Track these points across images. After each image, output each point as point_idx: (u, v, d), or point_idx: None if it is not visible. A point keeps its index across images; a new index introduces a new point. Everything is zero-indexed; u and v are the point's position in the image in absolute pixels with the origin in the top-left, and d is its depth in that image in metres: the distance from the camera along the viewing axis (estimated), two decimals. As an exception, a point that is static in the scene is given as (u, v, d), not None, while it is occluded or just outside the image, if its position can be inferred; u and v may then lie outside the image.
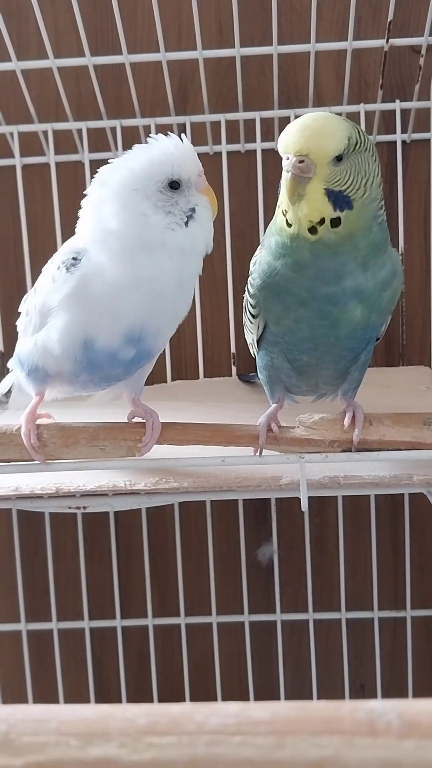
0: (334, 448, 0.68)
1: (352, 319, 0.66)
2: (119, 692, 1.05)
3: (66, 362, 0.67)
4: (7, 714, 0.36)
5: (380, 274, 0.66)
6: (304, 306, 0.66)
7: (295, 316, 0.67)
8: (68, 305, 0.65)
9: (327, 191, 0.61)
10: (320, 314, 0.66)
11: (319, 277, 0.64)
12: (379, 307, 0.67)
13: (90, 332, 0.65)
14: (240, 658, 1.05)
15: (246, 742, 0.34)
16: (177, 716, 0.36)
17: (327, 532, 1.04)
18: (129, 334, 0.65)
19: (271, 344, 0.70)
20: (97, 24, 0.97)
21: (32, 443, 0.67)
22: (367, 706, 0.35)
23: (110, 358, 0.66)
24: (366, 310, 0.66)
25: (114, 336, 0.65)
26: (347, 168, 0.61)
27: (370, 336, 0.69)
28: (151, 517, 1.04)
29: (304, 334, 0.67)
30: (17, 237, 1.00)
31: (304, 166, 0.60)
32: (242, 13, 0.90)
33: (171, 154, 0.64)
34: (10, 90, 0.97)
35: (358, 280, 0.64)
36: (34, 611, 1.06)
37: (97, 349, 0.66)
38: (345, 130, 0.61)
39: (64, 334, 0.65)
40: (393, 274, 0.67)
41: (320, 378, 0.72)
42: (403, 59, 0.97)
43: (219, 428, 0.70)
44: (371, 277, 0.65)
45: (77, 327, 0.65)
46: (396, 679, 1.06)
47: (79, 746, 0.35)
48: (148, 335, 0.66)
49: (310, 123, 0.61)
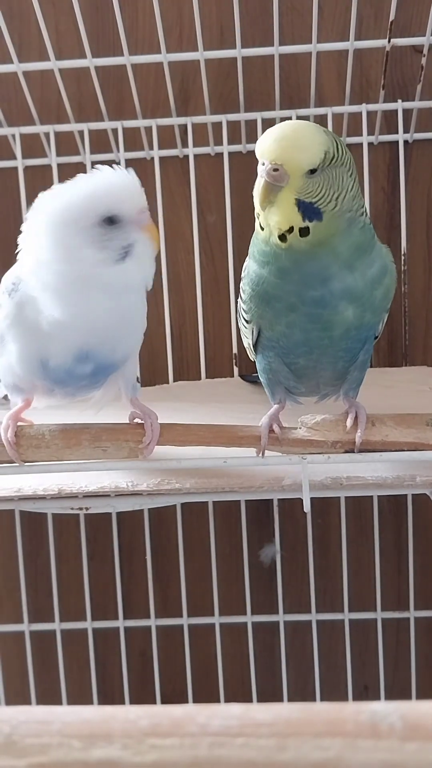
0: (337, 449, 0.68)
1: (344, 320, 0.66)
2: (122, 693, 1.05)
3: (33, 379, 0.68)
4: (10, 715, 0.36)
5: (370, 273, 0.65)
6: (294, 311, 0.66)
7: (286, 321, 0.67)
8: (13, 331, 0.66)
9: (297, 201, 0.61)
10: (311, 318, 0.66)
11: (303, 282, 0.64)
12: (373, 305, 0.67)
13: (42, 354, 0.66)
14: (243, 658, 1.05)
15: (248, 743, 0.34)
16: (179, 718, 0.35)
17: (330, 533, 1.04)
18: (78, 355, 0.65)
19: (267, 348, 0.70)
20: (99, 25, 0.97)
21: (9, 438, 0.67)
22: (369, 708, 0.35)
23: (69, 374, 0.67)
24: (359, 310, 0.66)
25: (65, 357, 0.65)
26: (320, 181, 0.61)
27: (367, 335, 0.69)
28: (154, 518, 1.04)
29: (298, 338, 0.67)
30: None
31: (278, 175, 0.61)
32: (243, 13, 0.90)
33: (110, 189, 0.62)
34: (12, 92, 0.97)
35: (346, 281, 0.64)
36: (37, 612, 1.06)
37: (53, 368, 0.66)
38: (322, 144, 0.61)
39: (19, 356, 0.67)
40: (383, 271, 0.67)
41: (320, 379, 0.72)
42: (405, 59, 0.97)
43: (221, 429, 0.70)
44: (360, 277, 0.65)
45: (28, 350, 0.66)
46: (399, 680, 1.06)
47: (81, 748, 0.35)
48: (100, 354, 0.66)
49: (288, 133, 0.61)
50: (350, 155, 0.64)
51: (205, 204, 1.00)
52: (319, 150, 0.61)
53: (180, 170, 0.99)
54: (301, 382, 0.72)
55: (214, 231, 1.00)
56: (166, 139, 0.98)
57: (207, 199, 1.00)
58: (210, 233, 1.01)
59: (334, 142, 0.62)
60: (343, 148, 0.63)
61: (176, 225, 1.00)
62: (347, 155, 0.64)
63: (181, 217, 1.00)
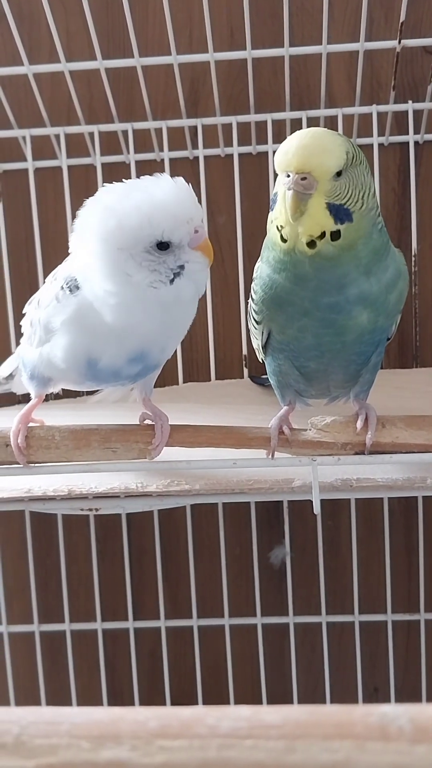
0: (347, 450, 0.68)
1: (358, 324, 0.65)
2: (132, 694, 1.05)
3: (71, 374, 0.68)
4: (19, 716, 0.36)
5: (385, 277, 0.65)
6: (308, 316, 0.65)
7: (298, 326, 0.66)
8: (70, 327, 0.65)
9: (328, 205, 0.61)
10: (324, 323, 0.65)
11: (320, 288, 0.64)
12: (386, 309, 0.66)
13: (93, 353, 0.65)
14: (252, 660, 1.05)
15: (257, 745, 0.34)
16: (188, 719, 0.35)
17: (340, 535, 1.04)
18: (132, 356, 0.66)
19: (277, 351, 0.70)
20: (109, 27, 0.97)
21: (18, 443, 0.67)
22: (379, 710, 0.35)
23: (115, 374, 0.67)
24: (373, 315, 0.66)
25: (118, 358, 0.66)
26: (346, 182, 0.62)
27: (380, 338, 0.69)
28: (163, 519, 1.04)
29: (310, 342, 0.67)
30: (30, 240, 1.00)
31: (307, 183, 0.60)
32: (253, 15, 0.90)
33: (165, 213, 0.60)
34: (23, 94, 0.97)
35: (362, 286, 0.64)
36: (46, 613, 1.06)
37: (101, 368, 0.66)
38: (342, 146, 0.61)
39: (68, 352, 0.66)
40: (397, 275, 0.67)
41: (331, 382, 0.71)
42: (415, 60, 0.96)
43: (231, 431, 0.70)
44: (376, 282, 0.65)
45: (80, 348, 0.65)
46: (409, 683, 1.05)
47: (90, 749, 0.35)
48: (152, 353, 0.66)
49: (308, 141, 0.61)
50: (363, 153, 0.64)
51: (215, 205, 1.00)
52: (341, 152, 0.61)
53: (190, 171, 0.99)
54: (311, 385, 0.71)
55: (224, 232, 1.00)
56: (176, 140, 0.98)
57: (217, 201, 1.00)
58: (220, 234, 1.01)
59: (349, 142, 0.63)
60: (358, 148, 0.64)
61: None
62: (362, 154, 0.64)
63: (191, 219, 1.00)
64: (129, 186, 0.63)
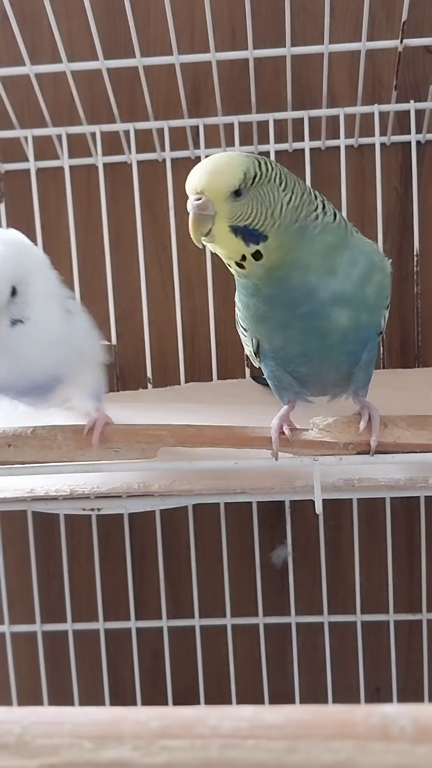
0: (349, 450, 0.68)
1: (340, 325, 0.65)
2: (134, 694, 1.05)
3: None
4: (22, 716, 0.37)
5: (355, 272, 0.64)
6: (289, 327, 0.65)
7: (282, 337, 0.66)
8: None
9: (232, 228, 0.61)
10: (306, 330, 0.65)
11: (290, 301, 0.63)
12: (366, 304, 0.65)
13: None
14: (254, 660, 1.05)
15: (259, 746, 0.34)
16: (190, 719, 0.36)
17: (342, 535, 1.04)
18: (8, 389, 0.71)
19: (268, 358, 0.70)
20: (110, 27, 0.97)
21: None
22: (380, 710, 0.35)
23: (17, 395, 0.72)
24: (353, 312, 0.65)
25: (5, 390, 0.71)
26: (248, 202, 0.61)
27: (367, 335, 0.68)
28: (165, 519, 1.04)
29: (297, 350, 0.67)
30: (32, 240, 1.00)
31: (202, 204, 0.60)
32: (255, 14, 0.90)
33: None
34: (24, 94, 0.97)
35: (331, 287, 0.63)
36: (49, 612, 1.06)
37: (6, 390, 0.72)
38: (240, 166, 0.60)
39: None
40: (370, 267, 0.65)
41: (325, 383, 0.71)
42: (417, 60, 0.96)
43: (232, 430, 0.70)
44: (345, 278, 0.64)
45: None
46: (411, 683, 1.05)
47: (92, 749, 0.35)
48: (32, 387, 0.71)
49: (206, 163, 0.62)
50: (280, 169, 0.63)
51: (217, 205, 1.00)
52: (237, 171, 0.60)
53: (192, 171, 0.99)
54: (307, 387, 0.72)
55: (225, 232, 1.00)
56: (178, 140, 0.98)
57: (219, 201, 1.00)
58: (222, 234, 1.00)
59: (255, 162, 0.61)
60: (269, 166, 0.62)
61: (188, 227, 1.00)
62: (274, 171, 0.62)
63: (192, 219, 1.00)
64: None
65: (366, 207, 0.99)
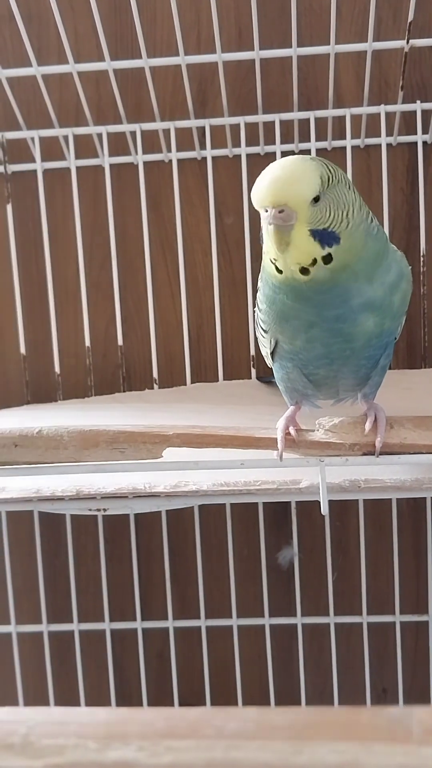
0: (355, 451, 0.68)
1: (366, 330, 0.65)
2: (140, 694, 1.05)
3: None
4: (27, 716, 0.37)
5: (387, 280, 0.65)
6: (314, 327, 0.65)
7: (306, 337, 0.66)
8: None
9: (312, 232, 0.60)
10: (332, 332, 0.65)
11: (324, 303, 0.63)
12: (392, 311, 0.66)
13: None
14: (260, 661, 1.05)
15: (264, 747, 0.34)
16: (195, 720, 0.35)
17: (348, 536, 1.04)
18: None
19: (285, 359, 0.70)
20: (117, 28, 0.97)
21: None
22: (386, 712, 0.35)
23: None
24: (379, 319, 0.65)
25: None
26: (326, 205, 0.61)
27: (387, 341, 0.68)
28: (171, 520, 1.04)
29: (319, 351, 0.67)
30: (38, 241, 1.01)
31: (285, 216, 0.60)
32: (261, 15, 0.90)
33: None
34: (31, 95, 0.97)
35: (365, 294, 0.63)
36: (55, 613, 1.06)
37: None
38: (315, 170, 0.60)
39: None
40: (400, 276, 0.66)
41: (340, 386, 0.71)
42: (423, 60, 0.96)
43: (238, 431, 0.69)
44: (379, 286, 0.64)
45: None
46: (418, 684, 1.05)
47: (97, 749, 0.35)
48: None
49: (280, 173, 0.61)
50: (340, 169, 0.63)
51: (223, 206, 1.00)
52: (315, 177, 0.60)
53: (198, 172, 1.00)
54: (320, 390, 0.71)
55: (231, 233, 1.00)
56: (184, 141, 0.98)
57: (225, 201, 1.00)
58: (228, 235, 1.01)
59: (323, 164, 0.61)
60: (332, 166, 0.62)
61: (194, 227, 1.01)
62: (339, 171, 0.63)
63: (198, 219, 1.01)
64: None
65: (372, 207, 0.97)
